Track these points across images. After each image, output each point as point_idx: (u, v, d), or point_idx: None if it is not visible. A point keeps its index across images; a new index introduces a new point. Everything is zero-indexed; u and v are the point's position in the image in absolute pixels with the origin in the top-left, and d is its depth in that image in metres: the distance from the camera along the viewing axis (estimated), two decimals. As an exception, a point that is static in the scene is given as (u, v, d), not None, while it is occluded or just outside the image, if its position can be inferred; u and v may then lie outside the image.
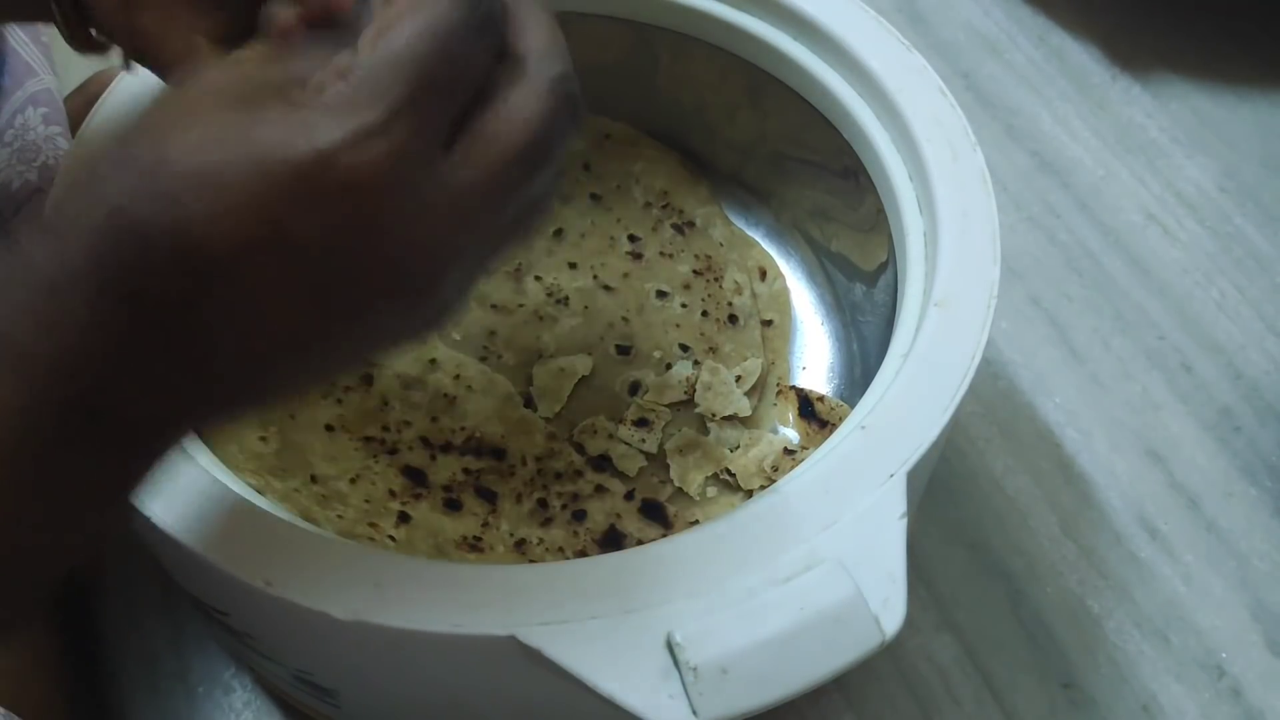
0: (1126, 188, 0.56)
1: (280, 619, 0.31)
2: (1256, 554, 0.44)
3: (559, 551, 0.40)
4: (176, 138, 0.23)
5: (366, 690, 0.35)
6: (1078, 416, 0.48)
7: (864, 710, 0.40)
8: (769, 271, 0.49)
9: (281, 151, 0.22)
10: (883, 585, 0.28)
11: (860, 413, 0.33)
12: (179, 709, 0.40)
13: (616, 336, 0.46)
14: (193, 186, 0.22)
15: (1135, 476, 0.46)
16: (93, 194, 0.22)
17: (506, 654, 0.28)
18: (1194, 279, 0.53)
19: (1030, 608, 0.43)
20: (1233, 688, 0.41)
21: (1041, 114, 0.59)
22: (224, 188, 0.22)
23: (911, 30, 0.62)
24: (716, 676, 0.26)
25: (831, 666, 0.27)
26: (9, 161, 0.43)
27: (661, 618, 0.28)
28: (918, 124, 0.39)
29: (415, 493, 0.41)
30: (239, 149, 0.22)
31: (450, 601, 0.28)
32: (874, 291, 0.43)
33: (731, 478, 0.42)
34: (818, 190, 0.47)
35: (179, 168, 0.22)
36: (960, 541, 0.44)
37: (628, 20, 0.46)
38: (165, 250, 0.22)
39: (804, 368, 0.47)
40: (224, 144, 0.22)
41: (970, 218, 0.36)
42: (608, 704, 0.26)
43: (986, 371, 0.49)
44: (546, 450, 0.43)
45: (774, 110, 0.45)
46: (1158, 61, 0.61)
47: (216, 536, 0.29)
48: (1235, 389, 0.49)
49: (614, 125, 0.52)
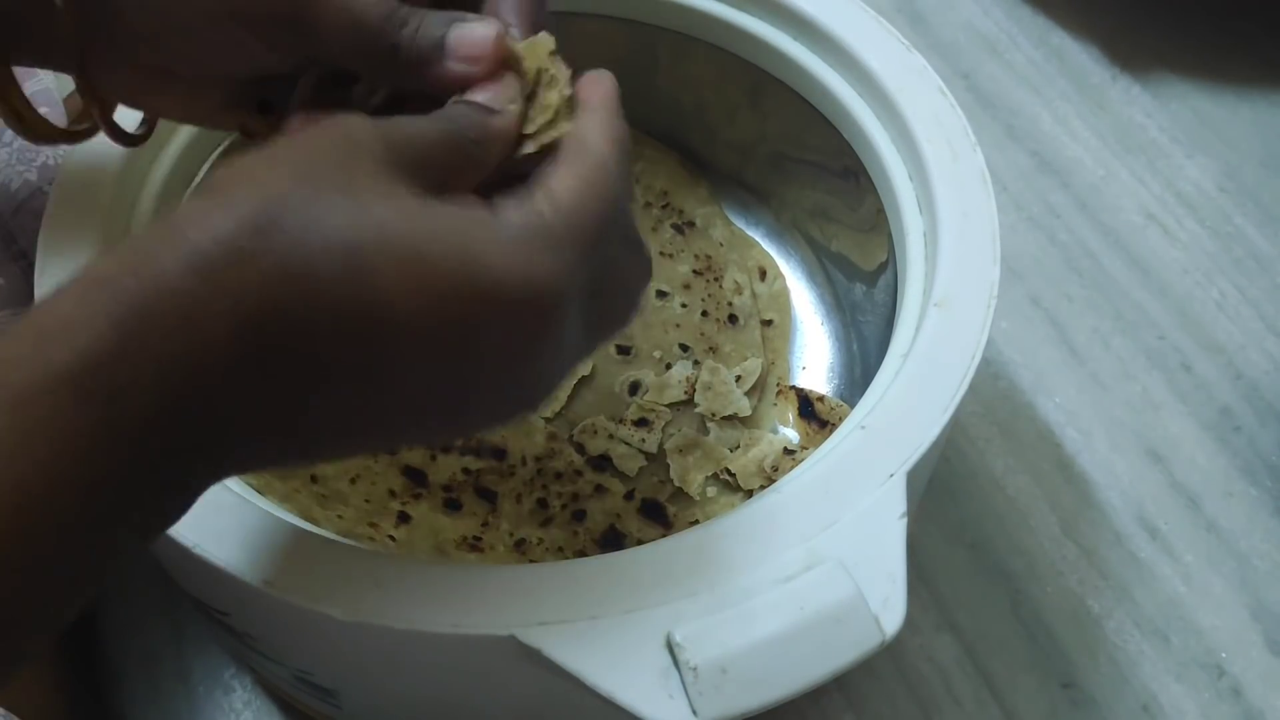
0: (1126, 188, 0.56)
1: (280, 619, 0.31)
2: (1256, 554, 0.44)
3: (559, 551, 0.40)
4: (347, 206, 0.23)
5: (366, 690, 0.35)
6: (1078, 416, 0.48)
7: (864, 710, 0.40)
8: (769, 271, 0.49)
9: (494, 265, 0.23)
10: (883, 585, 0.28)
11: (860, 413, 0.33)
12: (179, 709, 0.40)
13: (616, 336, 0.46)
14: (395, 261, 0.22)
15: (1135, 476, 0.46)
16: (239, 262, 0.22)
17: (506, 654, 0.28)
18: (1194, 279, 0.53)
19: (1030, 608, 0.43)
20: (1233, 687, 0.41)
21: (1041, 114, 0.59)
22: (429, 271, 0.23)
23: (911, 30, 0.62)
24: (716, 676, 0.26)
25: (831, 666, 0.27)
26: (9, 162, 0.43)
27: (661, 617, 0.28)
28: (918, 124, 0.39)
29: (415, 493, 0.41)
30: (449, 241, 0.23)
31: (450, 601, 0.28)
32: (874, 291, 0.43)
33: (731, 478, 0.42)
34: (818, 190, 0.47)
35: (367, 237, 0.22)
36: (960, 541, 0.44)
37: (628, 20, 0.46)
38: (333, 308, 0.22)
39: (804, 368, 0.47)
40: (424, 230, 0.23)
41: (970, 218, 0.36)
42: (607, 704, 0.26)
43: (986, 371, 0.49)
44: (546, 450, 0.43)
45: (774, 110, 0.45)
46: (1158, 61, 0.61)
47: (217, 537, 0.29)
48: (1235, 389, 0.49)
49: (614, 125, 0.52)
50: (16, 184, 0.43)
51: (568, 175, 0.26)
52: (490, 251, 0.23)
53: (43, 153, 0.44)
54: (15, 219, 0.42)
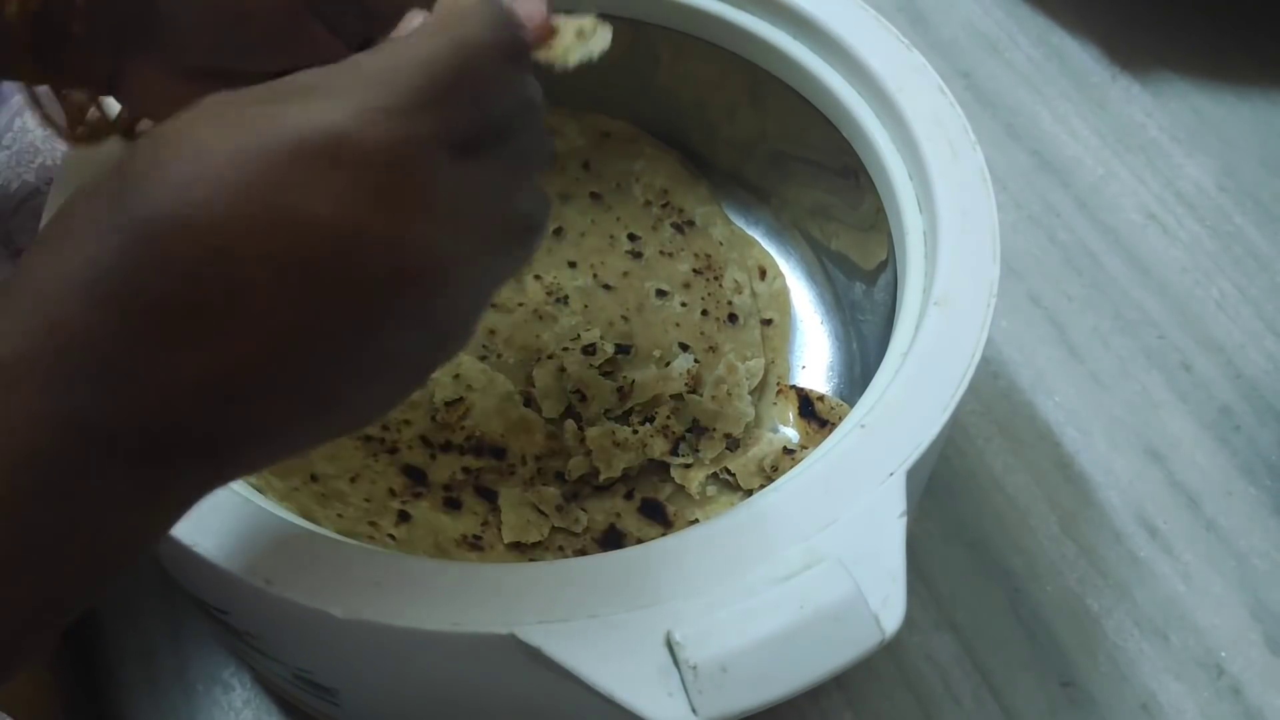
0: (1126, 187, 0.56)
1: (280, 618, 0.31)
2: (1256, 553, 0.44)
3: (559, 550, 0.40)
4: (183, 137, 0.22)
5: (366, 689, 0.35)
6: (1077, 415, 0.48)
7: (864, 709, 0.40)
8: (769, 270, 0.49)
9: (286, 131, 0.21)
10: (882, 584, 0.28)
11: (860, 411, 0.33)
12: (178, 707, 0.40)
13: (616, 335, 0.46)
14: (193, 175, 0.21)
15: (1135, 475, 0.46)
16: (90, 201, 0.22)
17: (506, 652, 0.28)
18: (1194, 278, 0.53)
19: (1030, 606, 0.43)
20: (1232, 686, 0.41)
21: (1041, 113, 0.59)
22: (227, 170, 0.21)
23: (911, 30, 0.62)
24: (716, 675, 0.26)
25: (831, 665, 0.27)
26: (8, 164, 0.43)
27: (661, 616, 0.28)
28: (918, 123, 0.39)
29: (415, 491, 0.41)
30: (243, 135, 0.21)
31: (450, 600, 0.28)
32: (874, 290, 0.43)
33: (731, 477, 0.42)
34: (817, 189, 0.47)
35: (181, 162, 0.21)
36: (960, 540, 0.44)
37: (628, 19, 0.46)
38: (167, 244, 0.21)
39: (804, 367, 0.47)
40: (228, 134, 0.22)
41: (970, 216, 0.36)
42: (607, 702, 0.26)
43: (986, 370, 0.49)
44: (546, 449, 0.43)
45: (774, 109, 0.45)
46: (1158, 61, 0.61)
47: (216, 535, 0.29)
48: (1235, 388, 0.49)
49: (614, 123, 0.52)
50: (15, 185, 0.43)
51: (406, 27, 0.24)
52: (277, 120, 0.21)
53: (41, 154, 0.44)
54: (14, 219, 0.42)
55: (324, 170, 0.21)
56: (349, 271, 0.22)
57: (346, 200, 0.22)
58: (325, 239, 0.21)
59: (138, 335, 0.21)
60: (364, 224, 0.22)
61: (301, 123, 0.22)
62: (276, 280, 0.21)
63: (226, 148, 0.21)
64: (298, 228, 0.21)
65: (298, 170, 0.21)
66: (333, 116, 0.22)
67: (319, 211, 0.21)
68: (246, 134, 0.21)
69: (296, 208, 0.21)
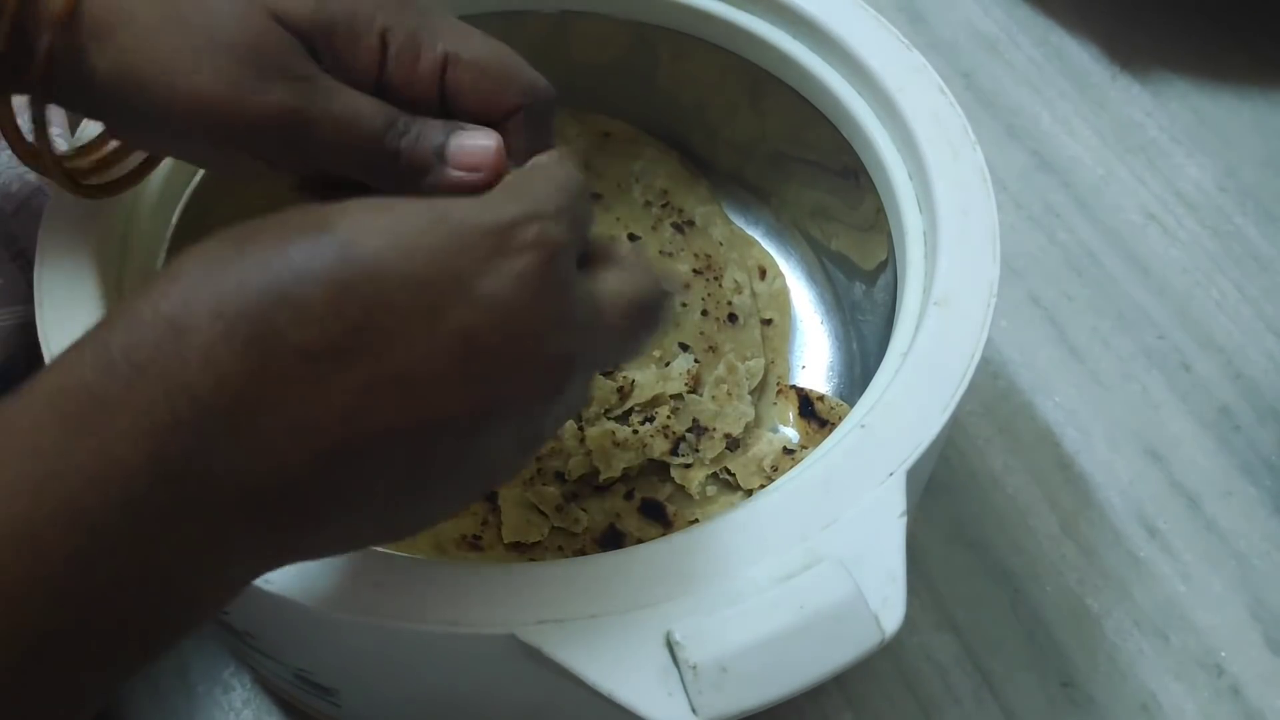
0: (1126, 187, 0.56)
1: (280, 618, 0.31)
2: (1256, 553, 0.44)
3: (559, 550, 0.40)
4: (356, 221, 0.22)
5: (366, 689, 0.35)
6: (1077, 416, 0.48)
7: (863, 709, 0.40)
8: (769, 270, 0.49)
9: (469, 220, 0.23)
10: (882, 584, 0.28)
11: (860, 411, 0.33)
12: (178, 707, 0.40)
13: (616, 335, 0.46)
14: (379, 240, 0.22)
15: (1135, 475, 0.46)
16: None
17: (506, 652, 0.28)
18: (1194, 278, 0.53)
19: (1030, 606, 0.43)
20: (1232, 686, 0.41)
21: (1041, 113, 0.59)
22: (412, 243, 0.22)
23: (911, 30, 0.62)
24: (716, 675, 0.26)
25: (831, 665, 0.27)
26: (9, 164, 0.43)
27: (661, 616, 0.28)
28: (917, 123, 0.39)
29: (415, 492, 0.41)
30: (424, 221, 0.23)
31: (450, 600, 0.28)
32: (874, 290, 0.43)
33: (731, 477, 0.42)
34: (817, 189, 0.47)
35: (359, 228, 0.22)
36: (960, 541, 0.44)
37: (628, 19, 0.46)
38: (323, 293, 0.21)
39: (804, 367, 0.47)
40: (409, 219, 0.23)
41: (970, 216, 0.36)
42: (607, 702, 0.26)
43: (986, 371, 0.49)
44: (546, 450, 0.43)
45: (774, 109, 0.45)
46: (1158, 61, 0.61)
47: (216, 535, 0.29)
48: (1235, 388, 0.49)
49: (614, 124, 0.52)
50: (16, 185, 0.43)
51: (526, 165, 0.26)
52: (457, 212, 0.23)
53: (42, 153, 0.44)
54: (15, 219, 0.42)
55: (495, 254, 0.23)
56: (495, 352, 0.23)
57: (508, 285, 0.23)
58: (485, 315, 0.23)
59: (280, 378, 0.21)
60: (516, 309, 0.23)
61: (479, 216, 0.23)
62: (433, 341, 0.22)
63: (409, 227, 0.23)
64: (470, 301, 0.22)
65: (475, 250, 0.23)
66: (507, 212, 0.24)
67: (486, 289, 0.23)
68: (428, 221, 0.23)
69: (472, 283, 0.23)
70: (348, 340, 0.21)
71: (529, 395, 0.24)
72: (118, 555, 0.20)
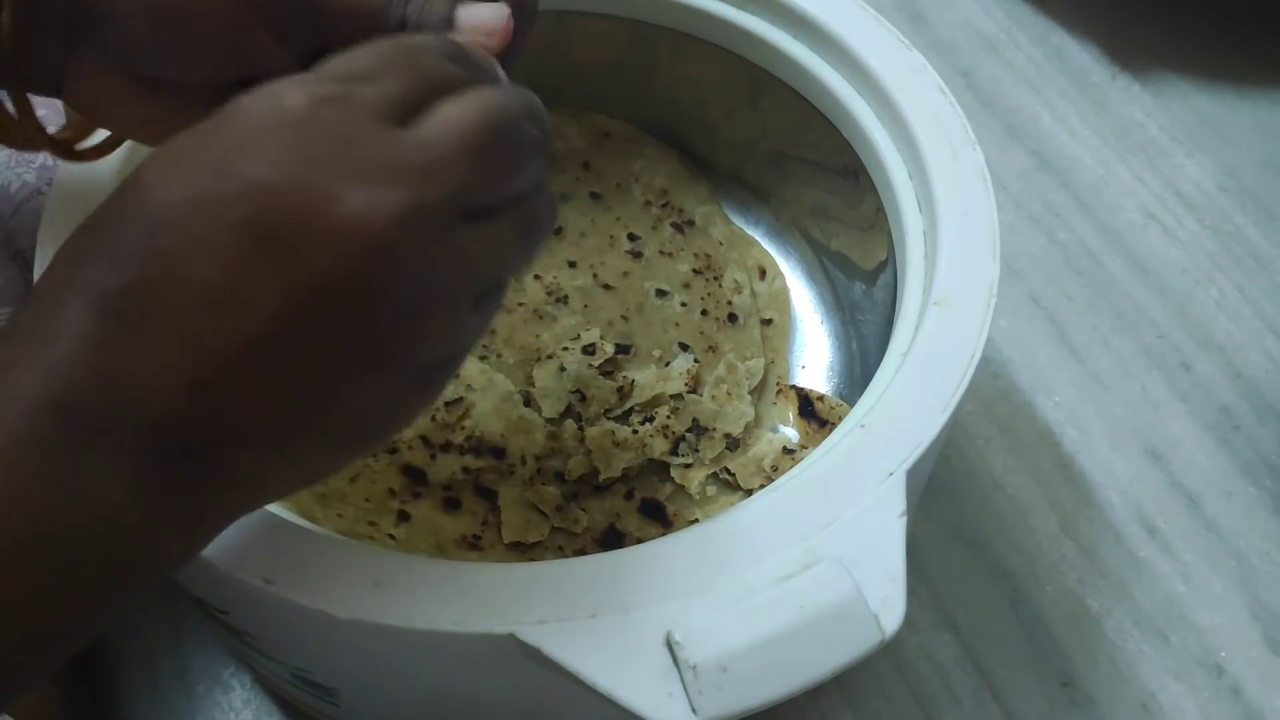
0: (1126, 187, 0.56)
1: (280, 618, 0.31)
2: (1256, 553, 0.44)
3: (559, 550, 0.40)
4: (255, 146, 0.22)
5: (366, 689, 0.35)
6: (1077, 415, 0.48)
7: (863, 709, 0.40)
8: (769, 270, 0.49)
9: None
10: (882, 584, 0.28)
11: (860, 411, 0.33)
12: (178, 707, 0.40)
13: (616, 335, 0.46)
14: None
15: (1135, 475, 0.46)
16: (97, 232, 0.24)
17: (506, 652, 0.28)
18: (1194, 278, 0.53)
19: (1030, 606, 0.43)
20: (1232, 686, 0.41)
21: (1041, 113, 0.59)
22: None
23: (911, 29, 0.62)
24: (716, 675, 0.26)
25: (831, 665, 0.27)
26: (8, 164, 0.43)
27: (661, 616, 0.28)
28: (917, 123, 0.39)
29: (415, 491, 0.41)
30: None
31: (450, 600, 0.28)
32: (873, 290, 0.43)
33: (731, 477, 0.42)
34: (817, 189, 0.47)
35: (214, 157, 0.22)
36: (960, 541, 0.44)
37: (627, 19, 0.46)
38: (173, 230, 0.22)
39: (804, 366, 0.47)
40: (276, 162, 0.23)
41: (970, 216, 0.36)
42: (607, 702, 0.26)
43: (986, 370, 0.49)
44: (546, 449, 0.43)
45: (773, 109, 0.45)
46: (1158, 61, 0.61)
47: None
48: (1235, 388, 0.49)
49: (613, 123, 0.52)
50: (15, 185, 0.43)
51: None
52: (319, 182, 0.22)
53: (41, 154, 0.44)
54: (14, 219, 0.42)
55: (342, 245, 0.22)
56: (358, 272, 0.22)
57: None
58: (323, 300, 0.22)
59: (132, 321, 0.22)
60: (362, 289, 0.23)
61: (342, 204, 0.23)
62: (278, 271, 0.22)
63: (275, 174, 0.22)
64: (302, 285, 0.22)
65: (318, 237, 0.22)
66: (381, 206, 0.23)
67: (326, 272, 0.22)
68: (290, 171, 0.23)
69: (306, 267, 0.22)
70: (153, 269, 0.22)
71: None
72: (42, 485, 0.22)
